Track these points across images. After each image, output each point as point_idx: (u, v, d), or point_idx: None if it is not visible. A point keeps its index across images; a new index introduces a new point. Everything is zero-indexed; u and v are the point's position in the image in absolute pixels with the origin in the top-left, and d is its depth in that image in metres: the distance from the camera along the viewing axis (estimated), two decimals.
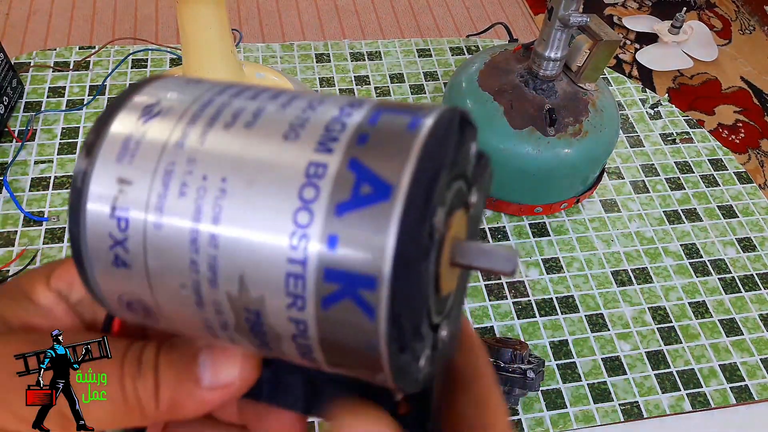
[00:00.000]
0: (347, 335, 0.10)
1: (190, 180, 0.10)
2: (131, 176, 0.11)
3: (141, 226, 0.10)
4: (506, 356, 0.46)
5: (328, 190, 0.09)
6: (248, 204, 0.10)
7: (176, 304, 0.11)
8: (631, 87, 0.75)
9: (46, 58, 0.70)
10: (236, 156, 0.10)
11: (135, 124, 0.11)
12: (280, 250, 0.10)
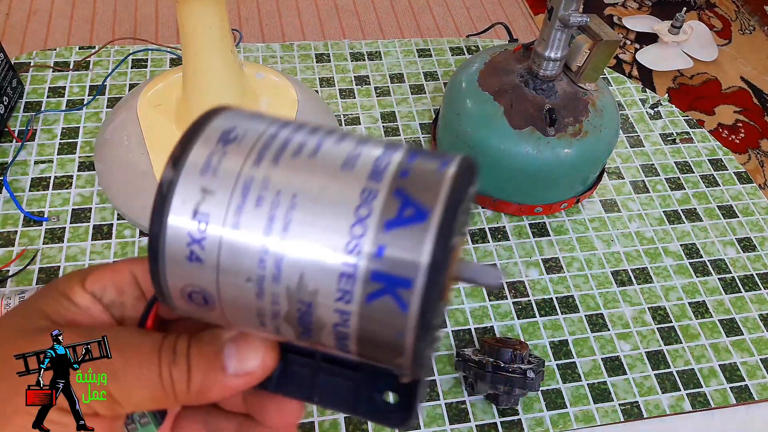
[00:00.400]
0: (383, 324, 0.12)
1: (266, 194, 0.13)
2: (213, 187, 0.13)
3: (219, 227, 0.13)
4: (506, 356, 0.46)
5: (379, 210, 0.12)
6: (314, 216, 0.12)
7: (237, 295, 0.13)
8: (631, 87, 0.75)
9: (46, 58, 0.70)
10: (304, 178, 0.13)
11: (216, 145, 0.13)
12: (338, 254, 0.12)
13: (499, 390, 0.45)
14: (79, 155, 0.61)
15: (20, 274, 0.52)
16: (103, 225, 0.56)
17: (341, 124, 0.67)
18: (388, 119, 0.68)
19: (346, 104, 0.69)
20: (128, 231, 0.56)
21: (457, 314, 0.53)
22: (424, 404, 0.48)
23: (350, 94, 0.70)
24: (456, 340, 0.52)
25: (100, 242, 0.55)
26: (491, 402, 0.48)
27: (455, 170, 0.13)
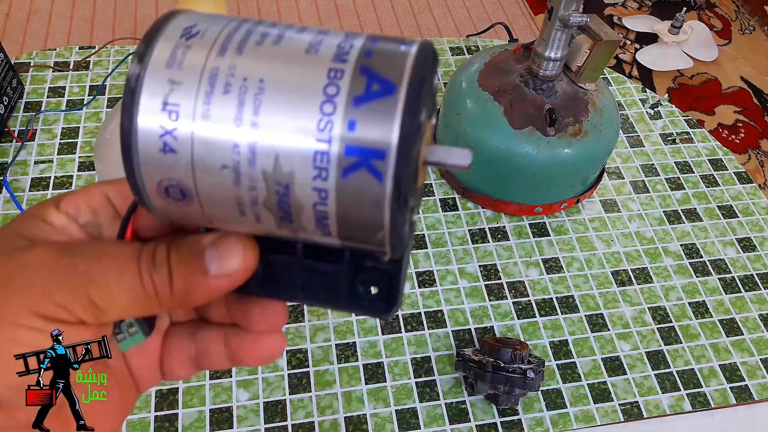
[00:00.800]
0: (360, 198, 0.13)
1: (233, 81, 0.13)
2: (180, 78, 0.13)
3: (190, 116, 0.13)
4: (506, 356, 0.46)
5: (347, 87, 0.13)
6: (283, 98, 0.13)
7: (214, 184, 0.13)
8: (631, 87, 0.75)
9: (46, 58, 0.70)
10: (270, 64, 0.13)
11: (179, 40, 0.13)
12: (311, 133, 0.13)
13: (499, 390, 0.46)
14: (79, 155, 0.61)
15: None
16: None
17: None
18: None
19: None
20: None
21: (457, 314, 0.53)
22: (424, 404, 0.48)
23: None
24: (456, 340, 0.52)
25: None
26: (491, 402, 0.48)
27: (417, 49, 0.13)
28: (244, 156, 0.13)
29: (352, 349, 0.51)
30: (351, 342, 0.51)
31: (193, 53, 0.13)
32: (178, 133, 0.13)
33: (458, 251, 0.58)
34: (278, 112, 0.13)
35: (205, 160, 0.13)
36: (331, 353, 0.50)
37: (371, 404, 0.48)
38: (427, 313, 0.53)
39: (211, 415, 0.46)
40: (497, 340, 0.49)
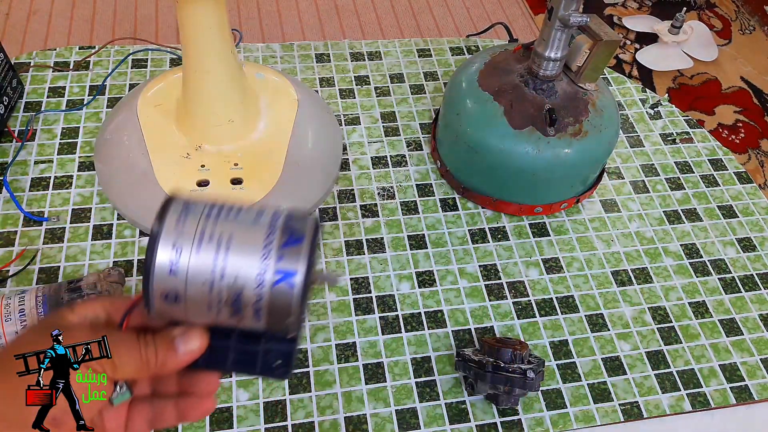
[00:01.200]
0: (281, 299, 0.22)
1: (214, 235, 0.23)
2: (184, 231, 0.23)
3: (188, 253, 0.22)
4: (506, 356, 0.46)
5: (277, 240, 0.23)
6: (242, 245, 0.22)
7: (197, 291, 0.22)
8: (631, 87, 0.75)
9: (46, 58, 0.70)
10: (234, 227, 0.23)
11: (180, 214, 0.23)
12: (257, 262, 0.22)
13: (499, 390, 0.45)
14: (79, 155, 0.61)
15: (20, 274, 0.52)
16: (103, 225, 0.56)
17: (341, 124, 0.67)
18: (388, 119, 0.68)
19: (346, 104, 0.69)
20: (128, 231, 0.56)
21: (457, 314, 0.53)
22: (424, 404, 0.48)
23: (350, 94, 0.70)
24: (456, 340, 0.52)
25: (100, 242, 0.55)
26: (491, 402, 0.48)
27: (313, 221, 0.24)
28: (217, 276, 0.22)
29: (352, 349, 0.51)
30: (351, 342, 0.51)
31: (189, 220, 0.23)
32: (181, 263, 0.22)
33: (458, 251, 0.58)
34: (239, 252, 0.22)
35: (194, 278, 0.22)
36: (331, 353, 0.50)
37: (371, 404, 0.48)
38: (427, 313, 0.53)
39: (210, 415, 0.46)
40: (497, 340, 0.49)
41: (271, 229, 0.22)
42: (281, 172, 0.56)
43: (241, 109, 0.57)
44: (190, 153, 0.55)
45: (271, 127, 0.58)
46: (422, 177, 0.63)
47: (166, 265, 0.22)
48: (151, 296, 0.22)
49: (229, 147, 0.56)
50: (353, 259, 0.56)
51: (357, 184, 0.62)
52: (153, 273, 0.22)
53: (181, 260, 0.22)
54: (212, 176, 0.54)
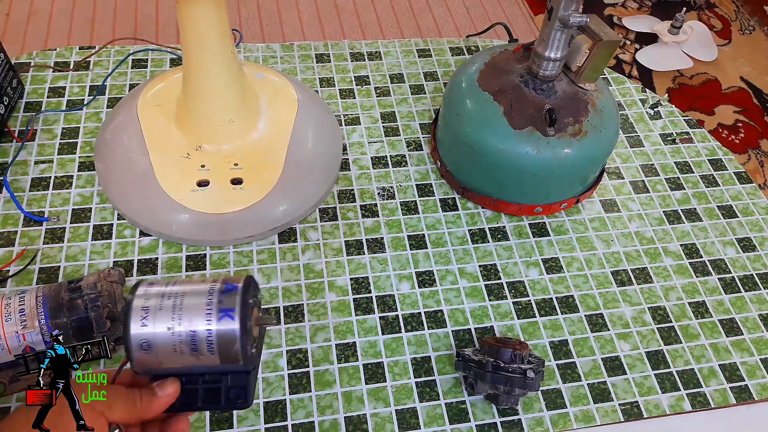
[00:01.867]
0: (227, 333, 0.29)
1: (171, 297, 0.30)
2: (150, 295, 0.30)
3: (154, 309, 0.30)
4: (506, 356, 0.46)
5: (218, 290, 0.30)
6: (192, 297, 0.30)
7: (163, 336, 0.30)
8: (630, 87, 0.75)
9: (47, 58, 0.70)
10: (185, 288, 0.31)
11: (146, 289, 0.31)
12: (203, 307, 0.30)
13: (499, 390, 0.46)
14: (79, 155, 0.61)
15: (20, 274, 0.52)
16: (103, 225, 0.56)
17: (341, 124, 0.67)
18: (388, 119, 0.68)
19: (346, 104, 0.69)
20: (128, 231, 0.56)
21: (457, 314, 0.54)
22: (424, 404, 0.48)
23: (350, 94, 0.70)
24: (456, 340, 0.52)
25: (100, 242, 0.55)
26: (491, 402, 0.48)
27: (246, 277, 0.32)
28: (176, 322, 0.30)
29: (352, 349, 0.51)
30: (351, 342, 0.51)
31: (153, 289, 0.31)
32: (149, 317, 0.30)
33: (458, 251, 0.58)
34: (190, 303, 0.30)
35: (160, 326, 0.30)
36: (331, 353, 0.50)
37: (371, 404, 0.48)
38: (427, 313, 0.53)
39: (211, 415, 0.46)
40: (497, 340, 0.49)
41: (213, 286, 0.31)
42: (281, 172, 0.56)
43: (241, 109, 0.57)
44: (190, 153, 0.55)
45: (271, 127, 0.58)
46: (422, 177, 0.63)
47: (139, 321, 0.30)
48: (130, 347, 0.30)
49: (229, 147, 0.56)
50: (353, 259, 0.56)
51: (357, 184, 0.62)
52: (129, 327, 0.30)
53: (149, 315, 0.30)
54: (212, 176, 0.55)
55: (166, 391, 0.30)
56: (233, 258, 0.55)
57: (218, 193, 0.54)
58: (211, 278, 0.31)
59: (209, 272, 0.54)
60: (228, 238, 0.55)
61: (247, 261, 0.55)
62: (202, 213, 0.54)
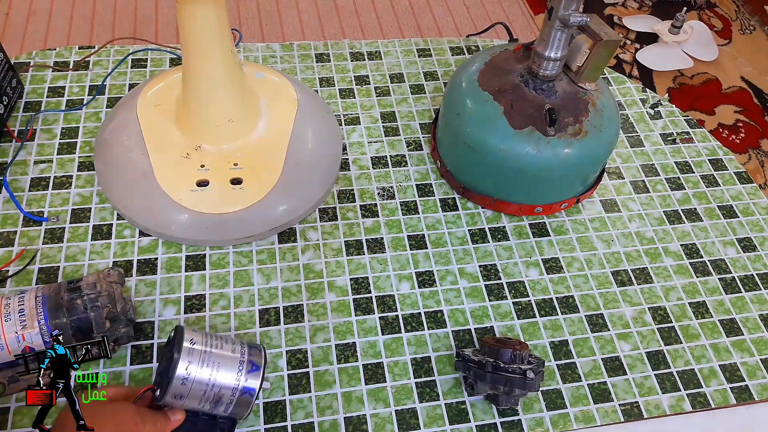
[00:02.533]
0: (244, 403, 0.41)
1: (209, 363, 0.40)
2: (194, 356, 0.40)
3: (195, 372, 0.39)
4: (506, 356, 0.46)
5: (245, 368, 0.41)
6: (226, 370, 0.40)
7: (195, 394, 0.39)
8: (631, 87, 0.75)
9: (46, 58, 0.70)
10: (221, 358, 0.41)
11: (189, 343, 0.40)
12: (233, 381, 0.40)
13: (499, 390, 0.45)
14: (78, 155, 0.61)
15: (20, 274, 0.52)
16: (102, 225, 0.56)
17: (341, 124, 0.67)
18: (388, 119, 0.68)
19: (346, 104, 0.69)
20: (128, 231, 0.56)
21: (457, 314, 0.53)
22: (424, 404, 0.48)
23: (350, 94, 0.70)
24: (456, 340, 0.52)
25: (99, 242, 0.55)
26: (491, 402, 0.48)
27: (263, 352, 0.43)
28: (209, 386, 0.39)
29: (352, 349, 0.51)
30: (351, 342, 0.51)
31: (195, 349, 0.40)
32: (189, 378, 0.39)
33: (458, 251, 0.58)
34: (224, 375, 0.40)
35: (196, 387, 0.39)
36: (331, 353, 0.50)
37: (371, 404, 0.48)
38: (427, 313, 0.53)
39: None
40: (497, 340, 0.49)
41: (242, 360, 0.40)
42: (281, 172, 0.56)
43: (241, 109, 0.56)
44: (189, 153, 0.55)
45: (271, 126, 0.58)
46: (422, 177, 0.63)
47: (180, 379, 0.38)
48: (166, 395, 0.38)
49: (229, 147, 0.56)
50: (353, 259, 0.56)
51: (357, 184, 0.62)
52: (171, 383, 0.38)
53: (190, 377, 0.38)
54: (212, 176, 0.54)
55: (176, 416, 0.39)
56: (233, 258, 0.55)
57: (218, 193, 0.54)
58: (239, 347, 0.41)
59: (209, 272, 0.54)
60: (227, 238, 0.55)
61: (247, 261, 0.55)
62: (202, 213, 0.54)
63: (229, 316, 0.52)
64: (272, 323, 0.51)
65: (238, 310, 0.52)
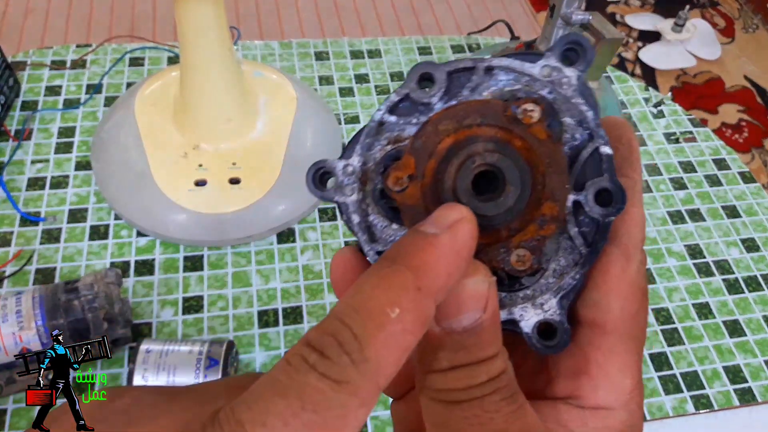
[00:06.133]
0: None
1: (166, 367, 0.42)
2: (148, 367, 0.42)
3: (152, 378, 0.41)
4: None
5: (204, 364, 0.42)
6: (181, 367, 0.41)
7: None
8: (633, 85, 0.75)
9: (43, 57, 0.69)
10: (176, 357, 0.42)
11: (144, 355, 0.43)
12: (193, 377, 0.41)
13: None
14: (75, 154, 0.61)
15: (17, 275, 0.52)
16: (99, 225, 0.56)
17: (340, 123, 0.66)
18: None
19: (346, 103, 0.68)
20: (125, 231, 0.55)
21: None
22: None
23: (350, 93, 0.69)
24: None
25: (96, 242, 0.54)
26: None
27: (228, 343, 0.43)
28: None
29: None
30: None
31: (151, 354, 0.42)
32: (149, 383, 0.39)
33: None
34: (180, 372, 0.40)
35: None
36: None
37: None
38: None
39: None
40: None
41: (199, 358, 0.39)
42: (280, 171, 0.55)
43: (240, 108, 0.56)
44: (187, 152, 0.55)
45: (270, 126, 0.58)
46: None
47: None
48: None
49: (228, 146, 0.55)
50: None
51: None
52: None
53: (149, 383, 0.37)
54: (210, 176, 0.54)
55: None
56: (231, 259, 0.55)
57: (216, 193, 0.53)
58: (198, 346, 0.41)
59: (207, 273, 0.53)
60: (226, 239, 0.55)
61: (245, 262, 0.54)
62: (200, 213, 0.53)
63: (228, 318, 0.51)
64: (271, 324, 0.51)
65: (236, 312, 0.51)
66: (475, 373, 0.14)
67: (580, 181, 0.16)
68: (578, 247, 0.16)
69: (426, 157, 0.16)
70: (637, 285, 0.16)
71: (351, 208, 0.17)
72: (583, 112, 0.16)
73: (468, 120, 0.16)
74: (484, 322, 0.14)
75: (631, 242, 0.16)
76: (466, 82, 0.16)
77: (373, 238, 0.17)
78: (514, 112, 0.16)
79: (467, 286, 0.14)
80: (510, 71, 0.16)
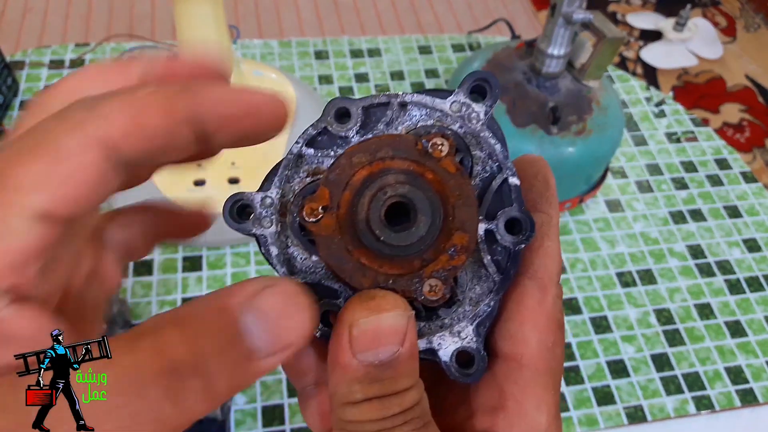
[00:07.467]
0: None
1: None
2: None
3: None
4: None
5: None
6: None
7: None
8: (635, 85, 0.74)
9: (42, 56, 0.69)
10: None
11: None
12: None
13: None
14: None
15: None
16: None
17: None
18: None
19: None
20: None
21: None
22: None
23: (350, 92, 0.69)
24: None
25: None
26: None
27: None
28: None
29: None
30: None
31: None
32: None
33: None
34: None
35: None
36: None
37: None
38: None
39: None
40: None
41: None
42: None
43: None
44: None
45: None
46: None
47: None
48: None
49: None
50: None
51: None
52: None
53: None
54: (209, 175, 0.54)
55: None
56: (230, 260, 0.54)
57: (215, 193, 0.53)
58: None
59: (206, 274, 0.53)
60: (225, 239, 0.54)
61: (244, 262, 0.54)
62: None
63: None
64: None
65: None
66: (389, 404, 0.14)
67: (492, 211, 0.16)
68: (492, 275, 0.17)
69: (341, 189, 0.16)
70: (553, 318, 0.16)
71: (269, 240, 0.17)
72: (492, 145, 0.17)
73: (381, 153, 0.16)
74: (401, 355, 0.14)
75: (547, 275, 0.16)
76: (382, 117, 0.17)
77: (293, 270, 0.18)
78: (425, 146, 0.16)
79: (386, 320, 0.14)
80: (422, 107, 0.17)
